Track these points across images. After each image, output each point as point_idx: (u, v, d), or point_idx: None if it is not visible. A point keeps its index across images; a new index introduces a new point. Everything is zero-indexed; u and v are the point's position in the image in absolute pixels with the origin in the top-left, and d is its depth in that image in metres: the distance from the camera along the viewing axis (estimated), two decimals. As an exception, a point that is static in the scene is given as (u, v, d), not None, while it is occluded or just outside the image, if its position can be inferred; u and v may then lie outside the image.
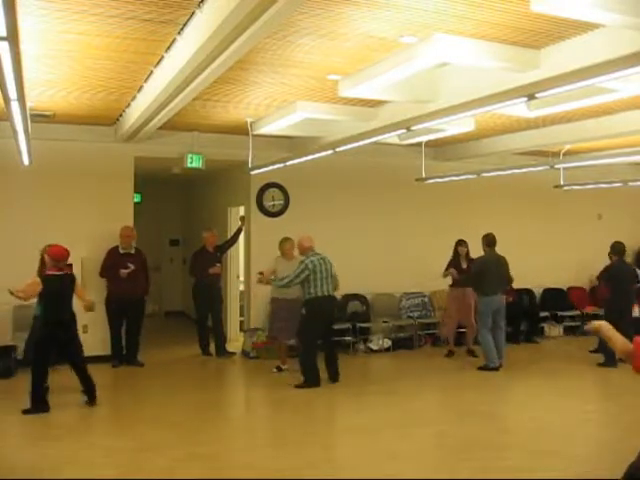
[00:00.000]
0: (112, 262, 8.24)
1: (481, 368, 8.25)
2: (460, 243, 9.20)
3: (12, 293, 6.17)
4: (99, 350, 8.34)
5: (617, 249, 8.64)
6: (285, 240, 8.11)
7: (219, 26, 3.72)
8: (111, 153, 8.59)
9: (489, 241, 8.53)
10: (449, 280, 9.23)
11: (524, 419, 6.35)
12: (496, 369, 8.19)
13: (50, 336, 6.29)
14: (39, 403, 6.16)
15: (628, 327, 8.55)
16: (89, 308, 6.65)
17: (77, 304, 6.55)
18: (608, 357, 8.01)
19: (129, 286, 8.15)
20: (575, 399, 7.07)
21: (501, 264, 8.45)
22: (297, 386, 7.32)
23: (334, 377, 7.56)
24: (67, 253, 6.41)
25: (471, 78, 5.39)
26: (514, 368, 8.30)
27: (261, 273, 7.97)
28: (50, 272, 6.35)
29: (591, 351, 8.77)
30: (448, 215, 10.12)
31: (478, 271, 8.45)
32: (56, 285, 6.30)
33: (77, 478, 4.63)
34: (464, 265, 9.06)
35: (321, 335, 7.58)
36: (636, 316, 9.00)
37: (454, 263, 9.14)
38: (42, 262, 6.71)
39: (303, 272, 7.35)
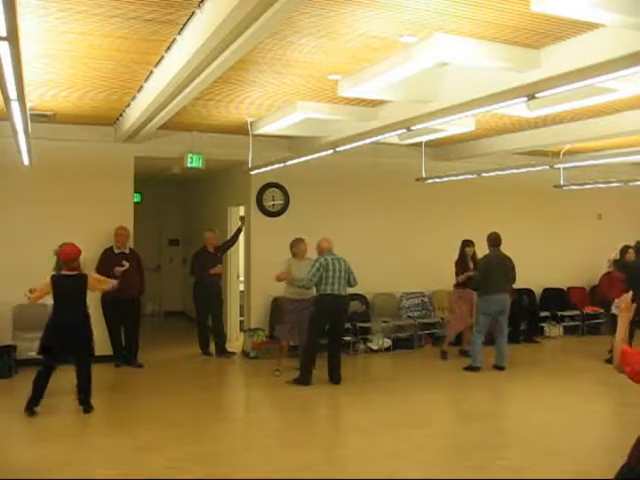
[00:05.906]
0: (107, 262, 8.20)
1: (466, 368, 8.22)
2: (467, 244, 9.00)
3: (29, 297, 6.08)
4: (99, 350, 8.30)
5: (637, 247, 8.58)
6: (298, 241, 8.05)
7: (219, 26, 3.73)
8: (111, 153, 8.59)
9: (492, 240, 8.45)
10: (452, 280, 9.10)
11: (524, 419, 6.36)
12: (478, 369, 8.13)
13: (57, 341, 6.08)
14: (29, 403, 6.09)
15: None
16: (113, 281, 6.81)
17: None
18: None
19: (124, 286, 8.05)
20: (576, 398, 7.07)
21: (505, 264, 8.34)
22: (289, 382, 7.43)
23: (333, 379, 7.55)
24: (74, 253, 6.20)
25: (471, 78, 5.39)
26: (514, 368, 8.29)
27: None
28: (62, 273, 6.15)
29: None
30: (448, 215, 10.12)
31: (482, 271, 8.35)
32: (66, 287, 6.11)
33: (77, 478, 4.63)
34: (471, 265, 8.91)
35: (325, 333, 7.63)
36: None
37: (462, 264, 8.97)
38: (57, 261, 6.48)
39: (318, 270, 7.43)
